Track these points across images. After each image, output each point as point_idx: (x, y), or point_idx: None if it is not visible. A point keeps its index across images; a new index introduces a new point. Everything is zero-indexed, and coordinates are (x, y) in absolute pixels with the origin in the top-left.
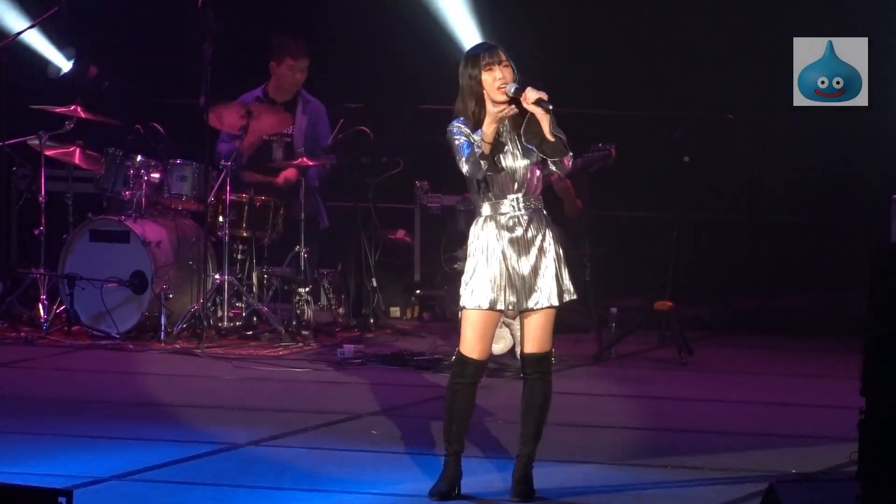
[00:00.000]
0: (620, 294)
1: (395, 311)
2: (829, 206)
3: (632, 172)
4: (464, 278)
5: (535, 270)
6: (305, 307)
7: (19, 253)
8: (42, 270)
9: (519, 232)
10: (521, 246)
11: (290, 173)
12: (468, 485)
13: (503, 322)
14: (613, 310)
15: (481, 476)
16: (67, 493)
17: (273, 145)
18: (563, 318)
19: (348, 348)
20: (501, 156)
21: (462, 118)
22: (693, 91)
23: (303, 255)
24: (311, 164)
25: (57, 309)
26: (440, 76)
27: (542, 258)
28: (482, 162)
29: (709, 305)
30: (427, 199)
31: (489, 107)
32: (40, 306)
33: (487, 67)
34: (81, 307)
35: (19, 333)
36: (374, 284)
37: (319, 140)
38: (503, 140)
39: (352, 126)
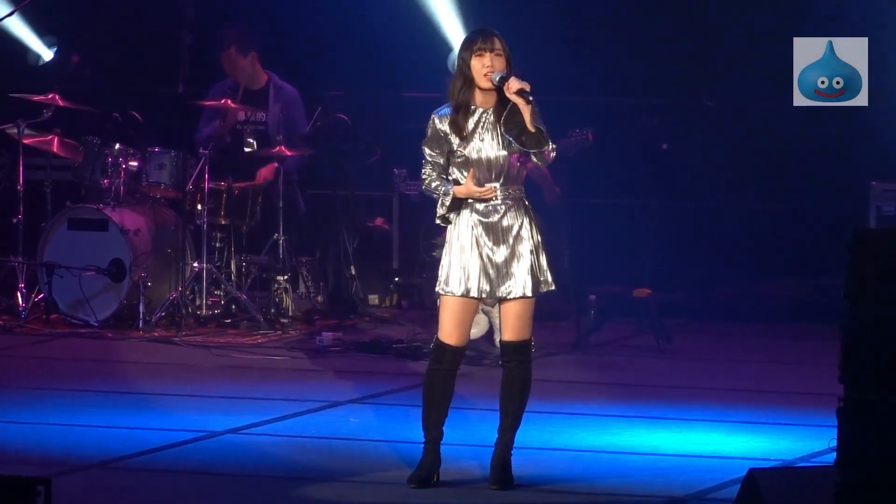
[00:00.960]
0: (599, 281)
1: (374, 299)
2: (808, 193)
3: (611, 159)
4: (441, 264)
5: (511, 259)
6: (284, 295)
7: None
8: (20, 259)
9: (495, 220)
10: (497, 234)
11: (268, 172)
12: (446, 472)
13: (482, 308)
14: (592, 297)
15: (460, 463)
16: (45, 482)
17: (244, 135)
18: (542, 305)
19: (327, 336)
20: (480, 144)
21: (448, 104)
22: (692, 90)
23: (281, 242)
24: (288, 153)
25: (35, 297)
26: (420, 63)
27: (518, 247)
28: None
29: (687, 292)
30: (406, 186)
31: (467, 184)
32: (18, 294)
33: (478, 53)
34: (60, 295)
35: None
36: (353, 272)
37: (296, 127)
38: (481, 129)
39: (330, 113)
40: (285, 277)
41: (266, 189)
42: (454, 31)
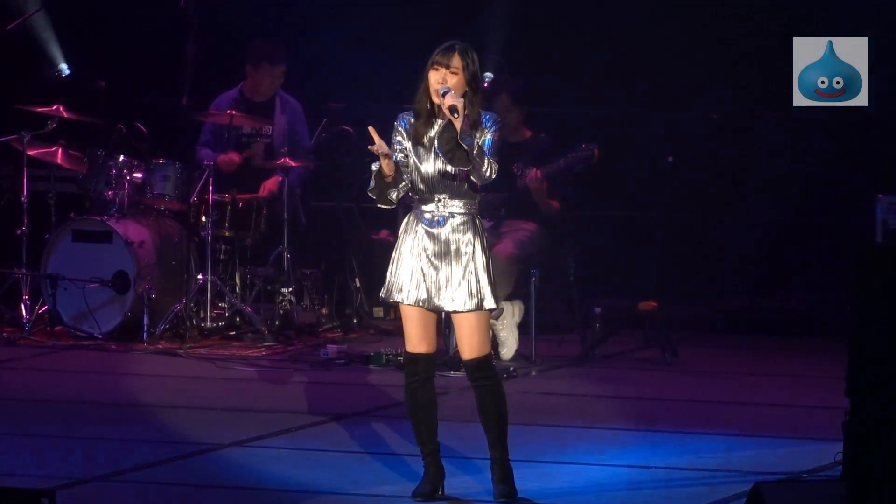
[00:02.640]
0: (604, 294)
1: (379, 312)
2: (815, 206)
3: (617, 172)
4: (388, 271)
5: (450, 273)
6: (289, 307)
7: (1, 253)
8: (24, 270)
9: (438, 232)
10: (439, 246)
11: (272, 185)
12: (451, 486)
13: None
14: (597, 310)
15: (465, 477)
16: (50, 494)
17: (252, 145)
18: (547, 318)
19: (331, 349)
20: (430, 155)
21: (410, 112)
22: (692, 91)
23: (285, 255)
24: (293, 164)
25: (39, 309)
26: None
27: (459, 262)
28: (373, 195)
29: (693, 306)
30: (410, 198)
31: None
32: (22, 306)
33: (435, 66)
34: (64, 307)
35: (1, 334)
36: (358, 284)
37: (298, 139)
38: (435, 141)
39: (334, 125)
40: (290, 290)
41: (270, 201)
42: (468, 38)
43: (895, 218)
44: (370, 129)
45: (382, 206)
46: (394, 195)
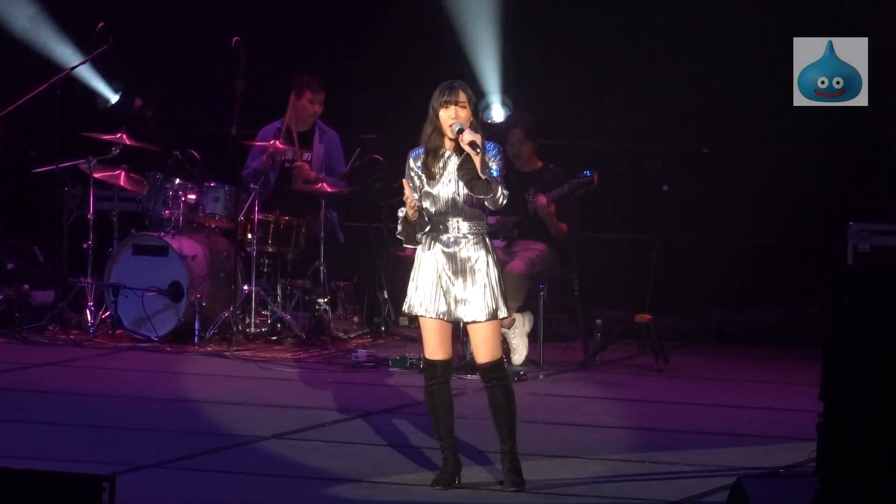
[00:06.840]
0: (605, 307)
1: (404, 320)
2: (792, 230)
3: (617, 198)
4: (408, 287)
5: (465, 287)
6: (324, 315)
7: (70, 264)
8: (90, 280)
9: (454, 250)
10: (456, 263)
11: (306, 173)
12: (467, 476)
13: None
14: (598, 321)
15: (479, 468)
16: (110, 479)
17: (294, 170)
18: (553, 328)
19: (362, 353)
20: (444, 184)
21: (421, 147)
22: (691, 139)
23: (322, 269)
24: (329, 190)
25: (102, 314)
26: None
27: (473, 277)
28: (402, 237)
29: (684, 318)
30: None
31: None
32: (88, 312)
33: (444, 105)
34: (124, 313)
35: (69, 336)
36: (386, 296)
37: (335, 165)
38: (447, 171)
39: (367, 154)
40: (325, 300)
41: (308, 220)
42: (486, 78)
43: (864, 242)
44: (403, 181)
45: (408, 246)
46: (420, 236)
